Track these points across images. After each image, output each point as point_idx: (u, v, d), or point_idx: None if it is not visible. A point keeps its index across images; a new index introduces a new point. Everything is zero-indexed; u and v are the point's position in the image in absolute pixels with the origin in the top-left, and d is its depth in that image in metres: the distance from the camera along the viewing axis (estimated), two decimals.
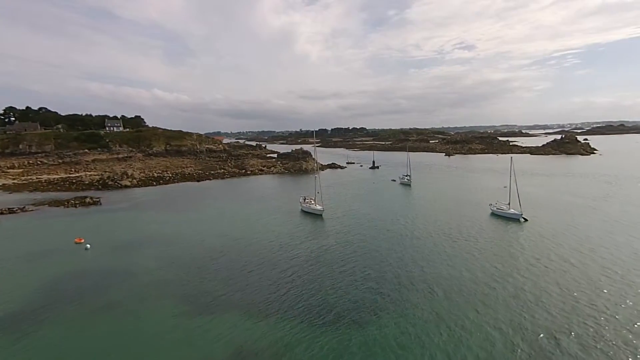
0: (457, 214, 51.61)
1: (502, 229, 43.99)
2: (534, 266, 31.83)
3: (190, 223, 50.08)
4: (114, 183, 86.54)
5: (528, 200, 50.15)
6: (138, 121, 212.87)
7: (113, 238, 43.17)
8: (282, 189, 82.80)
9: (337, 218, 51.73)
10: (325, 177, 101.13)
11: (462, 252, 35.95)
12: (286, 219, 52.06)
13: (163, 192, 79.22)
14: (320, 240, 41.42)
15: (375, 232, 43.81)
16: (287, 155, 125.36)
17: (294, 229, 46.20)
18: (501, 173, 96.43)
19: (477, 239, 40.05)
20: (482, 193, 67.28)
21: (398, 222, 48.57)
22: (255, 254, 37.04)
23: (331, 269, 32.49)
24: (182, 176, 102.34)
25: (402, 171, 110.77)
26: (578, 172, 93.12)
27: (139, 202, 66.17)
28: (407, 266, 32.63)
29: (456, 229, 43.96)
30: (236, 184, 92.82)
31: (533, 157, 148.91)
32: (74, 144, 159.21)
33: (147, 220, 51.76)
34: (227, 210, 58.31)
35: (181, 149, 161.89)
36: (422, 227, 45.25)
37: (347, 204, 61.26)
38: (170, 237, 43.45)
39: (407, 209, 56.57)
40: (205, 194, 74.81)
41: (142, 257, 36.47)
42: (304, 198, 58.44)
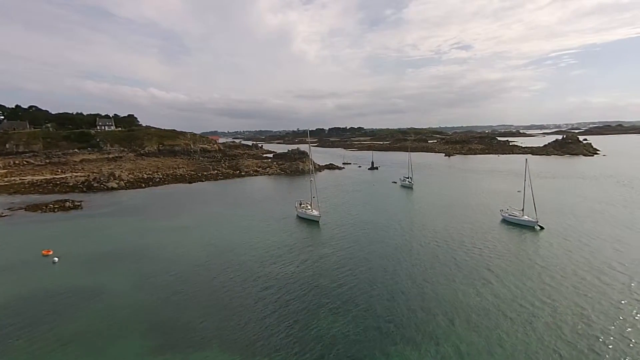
0: (464, 221, 47.67)
1: (516, 239, 40.06)
2: (558, 285, 27.88)
3: (175, 231, 45.81)
4: (100, 185, 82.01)
5: (541, 205, 46.23)
6: (131, 120, 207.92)
7: (87, 249, 38.84)
8: (277, 191, 78.66)
9: (335, 225, 47.65)
10: (323, 178, 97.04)
11: (473, 267, 31.94)
12: (280, 226, 47.91)
13: (151, 194, 74.82)
14: (317, 252, 37.30)
15: (377, 244, 39.75)
16: (283, 156, 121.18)
17: (288, 239, 42.06)
18: (506, 174, 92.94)
19: (489, 251, 36.10)
20: (490, 197, 63.43)
21: (401, 230, 44.57)
22: (242, 270, 32.86)
23: (329, 293, 28.33)
24: (173, 177, 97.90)
25: (402, 172, 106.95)
26: (587, 174, 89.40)
27: (123, 207, 61.77)
28: (414, 288, 28.56)
29: (465, 239, 40.00)
30: (229, 186, 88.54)
31: (535, 157, 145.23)
32: (64, 143, 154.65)
33: (128, 228, 47.44)
34: (216, 215, 54.09)
35: (174, 148, 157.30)
36: (428, 238, 41.23)
37: (345, 209, 57.21)
38: (150, 248, 39.19)
39: (410, 215, 52.58)
40: (195, 197, 70.51)
41: (115, 274, 32.21)
42: (299, 202, 54.33)
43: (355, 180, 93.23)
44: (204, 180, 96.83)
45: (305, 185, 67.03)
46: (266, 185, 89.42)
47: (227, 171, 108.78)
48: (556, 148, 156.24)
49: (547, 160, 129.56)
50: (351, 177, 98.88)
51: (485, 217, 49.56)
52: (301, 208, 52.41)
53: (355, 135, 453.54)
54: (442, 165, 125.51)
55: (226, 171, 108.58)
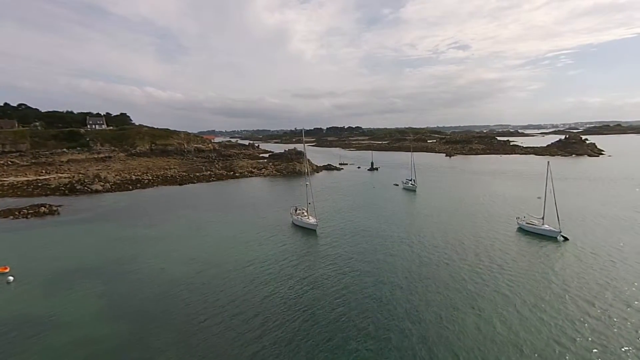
0: (475, 230, 43.30)
1: (537, 252, 35.70)
2: (590, 310, 23.53)
3: (156, 242, 41.13)
4: (83, 187, 77.05)
5: (560, 211, 41.62)
6: (123, 119, 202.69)
7: (51, 265, 34.13)
8: (272, 194, 74.06)
9: (333, 234, 43.14)
10: (320, 180, 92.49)
11: (488, 289, 27.53)
12: (274, 235, 43.34)
13: (137, 198, 70.00)
14: (313, 269, 32.78)
15: (380, 256, 35.29)
16: (279, 156, 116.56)
17: (282, 253, 37.50)
18: (512, 176, 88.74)
19: (506, 267, 31.81)
20: (501, 201, 59.10)
21: (406, 240, 40.12)
22: (229, 292, 28.30)
23: (326, 325, 23.84)
24: (163, 179, 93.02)
25: (403, 173, 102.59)
26: (599, 176, 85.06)
27: (104, 212, 56.96)
28: (422, 313, 24.13)
29: (477, 251, 35.67)
30: (222, 188, 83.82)
31: (539, 158, 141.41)
32: (52, 142, 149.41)
33: (104, 238, 42.69)
34: (204, 223, 49.44)
35: (167, 148, 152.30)
36: (435, 250, 36.81)
37: (344, 215, 52.71)
38: (126, 263, 34.53)
39: (414, 223, 48.15)
40: (184, 201, 65.75)
41: (80, 297, 27.58)
42: (295, 208, 49.80)
43: (355, 182, 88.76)
44: (196, 182, 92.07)
45: (302, 188, 62.47)
46: (261, 187, 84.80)
47: (221, 172, 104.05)
48: (560, 148, 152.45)
49: (553, 161, 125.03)
50: (350, 179, 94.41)
51: (499, 225, 45.19)
52: (297, 215, 47.89)
53: (353, 134, 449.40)
54: (444, 166, 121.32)
55: (220, 172, 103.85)
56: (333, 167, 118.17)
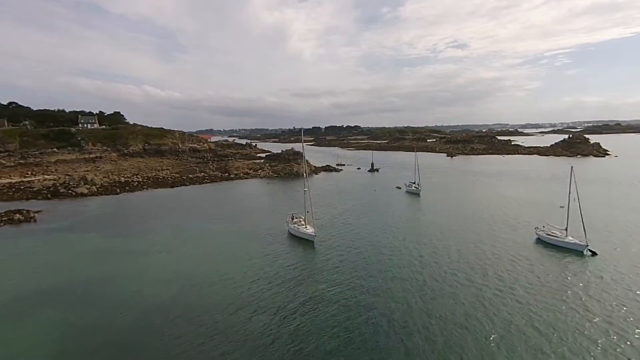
0: (488, 241, 39.36)
1: (561, 268, 31.79)
2: (628, 349, 19.64)
3: (135, 256, 36.99)
4: (68, 191, 72.73)
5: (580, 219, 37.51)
6: (117, 118, 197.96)
7: (11, 286, 29.96)
8: (268, 198, 69.95)
9: (332, 246, 39.12)
10: (319, 182, 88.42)
11: (504, 313, 23.58)
12: (268, 247, 39.28)
13: (124, 202, 65.76)
14: (310, 288, 28.74)
15: (384, 274, 31.28)
16: (276, 157, 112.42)
17: (277, 268, 33.46)
18: (519, 178, 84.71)
19: (527, 286, 28.03)
20: (512, 207, 55.15)
21: (412, 253, 36.13)
22: (212, 318, 24.27)
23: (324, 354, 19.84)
24: (155, 181, 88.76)
25: (404, 174, 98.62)
26: (613, 178, 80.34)
27: (85, 219, 52.72)
28: (430, 340, 20.14)
29: (491, 268, 31.77)
30: (215, 191, 79.65)
31: (543, 158, 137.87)
32: (42, 142, 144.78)
33: (78, 252, 38.50)
34: (191, 232, 45.31)
35: (161, 148, 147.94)
36: (443, 264, 32.84)
37: (344, 223, 48.68)
38: (96, 283, 30.39)
39: (421, 232, 44.14)
40: (173, 206, 61.55)
41: (30, 328, 23.47)
42: (291, 216, 45.73)
43: (355, 184, 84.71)
44: (188, 184, 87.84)
45: (299, 192, 58.13)
46: (256, 190, 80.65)
47: (215, 174, 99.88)
48: (564, 148, 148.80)
49: (559, 162, 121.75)
50: (350, 181, 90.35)
51: (515, 235, 41.24)
52: (293, 224, 43.82)
53: (352, 134, 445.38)
54: (446, 167, 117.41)
55: (214, 174, 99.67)
56: (332, 168, 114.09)
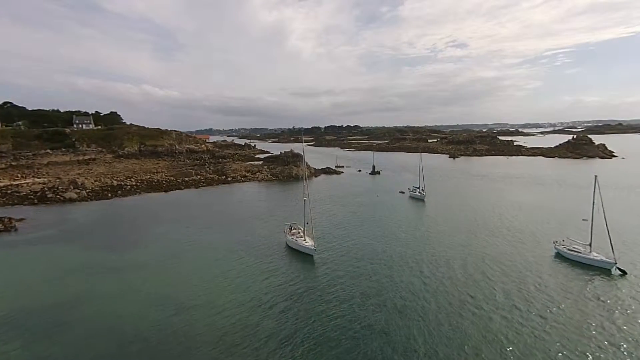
0: (501, 254, 36.31)
1: (585, 288, 28.72)
2: None
3: (118, 274, 33.83)
4: (56, 196, 69.51)
5: (605, 232, 34.38)
6: (113, 118, 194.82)
7: None
8: (266, 204, 66.75)
9: (333, 261, 36.02)
10: (318, 186, 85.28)
11: (524, 335, 20.48)
12: (263, 262, 36.17)
13: (113, 209, 62.54)
14: (309, 311, 25.61)
15: (389, 294, 28.20)
16: (274, 159, 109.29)
17: (272, 285, 30.37)
18: (528, 182, 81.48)
19: (544, 310, 25.02)
20: (525, 215, 51.98)
21: (418, 269, 33.05)
22: (196, 349, 21.14)
23: None
24: (148, 185, 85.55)
25: (407, 177, 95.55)
26: (629, 183, 76.67)
27: (69, 228, 49.52)
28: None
29: (505, 286, 28.85)
30: (211, 195, 76.52)
31: (548, 160, 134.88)
32: (35, 143, 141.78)
33: (57, 267, 35.32)
34: (182, 244, 42.14)
35: (157, 149, 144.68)
36: (456, 283, 29.78)
37: (346, 233, 45.55)
38: (71, 307, 27.23)
39: (427, 244, 41.04)
40: (166, 213, 58.37)
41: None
42: (289, 227, 42.60)
43: (356, 188, 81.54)
44: (183, 187, 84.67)
45: (298, 197, 54.76)
46: (253, 195, 77.48)
47: (212, 176, 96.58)
48: (569, 150, 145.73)
49: (566, 164, 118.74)
50: (351, 185, 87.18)
51: (530, 248, 38.14)
52: (292, 235, 40.69)
53: (352, 133, 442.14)
54: (450, 169, 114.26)
55: (210, 176, 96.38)
56: (332, 170, 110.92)
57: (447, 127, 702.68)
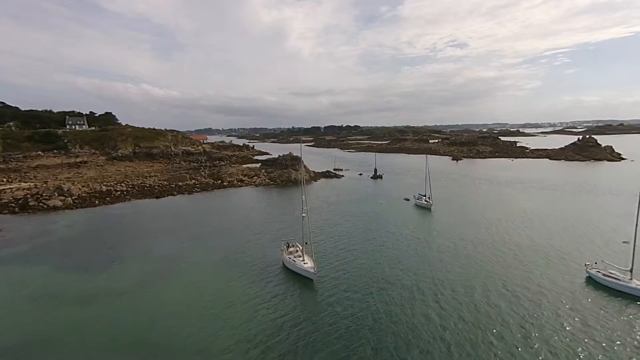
0: (521, 277, 32.24)
1: (624, 322, 24.65)
2: None
3: (90, 302, 29.65)
4: (39, 203, 65.26)
5: None
6: (108, 119, 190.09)
7: None
8: (262, 212, 62.52)
9: (335, 285, 31.90)
10: (319, 192, 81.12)
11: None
12: (256, 286, 32.03)
13: (99, 219, 58.31)
14: (308, 346, 21.54)
15: (399, 327, 24.07)
16: (272, 162, 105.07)
17: (266, 317, 26.23)
18: (540, 188, 76.83)
19: (576, 346, 20.87)
20: (544, 227, 47.71)
21: (434, 294, 28.99)
22: None
23: None
24: (139, 190, 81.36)
25: (410, 181, 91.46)
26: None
27: (45, 243, 45.29)
28: None
29: (528, 316, 24.73)
30: (205, 202, 72.30)
31: (555, 163, 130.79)
32: (27, 144, 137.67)
33: (22, 293, 31.08)
34: (166, 265, 37.95)
35: (152, 151, 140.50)
36: (468, 310, 25.65)
37: (349, 250, 41.38)
38: (27, 349, 23.08)
39: (437, 264, 36.89)
40: (154, 224, 54.17)
41: None
42: (286, 244, 38.42)
43: (358, 195, 77.31)
44: (176, 193, 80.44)
45: (297, 204, 50.16)
46: (250, 202, 73.27)
47: (207, 181, 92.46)
48: (575, 152, 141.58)
49: (575, 168, 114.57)
50: (352, 190, 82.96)
51: (556, 269, 34.00)
52: (289, 254, 36.52)
53: (351, 133, 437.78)
54: (454, 173, 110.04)
55: (205, 181, 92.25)
56: (332, 174, 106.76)
57: (447, 127, 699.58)
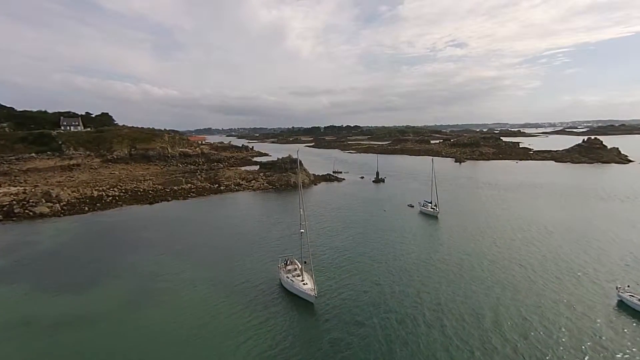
0: (541, 298, 29.08)
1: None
2: None
3: (62, 332, 26.48)
4: (25, 211, 62.06)
5: None
6: (105, 120, 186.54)
7: None
8: (260, 220, 59.25)
9: (338, 308, 28.77)
10: (319, 197, 77.96)
11: None
12: (250, 310, 28.88)
13: (86, 229, 55.06)
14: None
15: (406, 355, 20.99)
16: (271, 165, 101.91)
17: (257, 352, 23.06)
18: (552, 194, 73.13)
19: None
20: (563, 239, 44.46)
21: (447, 317, 25.76)
22: None
23: None
24: (132, 195, 78.16)
25: (414, 186, 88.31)
26: None
27: (24, 257, 42.09)
28: None
29: (550, 347, 21.55)
30: (199, 209, 69.11)
31: (561, 166, 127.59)
32: (20, 146, 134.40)
33: None
34: (150, 282, 34.76)
35: (148, 153, 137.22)
36: (482, 339, 22.47)
37: (353, 266, 38.21)
38: None
39: (448, 283, 33.76)
40: (142, 234, 50.99)
41: None
42: (284, 262, 35.25)
43: (360, 200, 74.12)
44: (170, 199, 77.22)
45: (296, 211, 46.97)
46: (247, 208, 70.06)
47: (203, 185, 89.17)
48: (582, 154, 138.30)
49: (583, 171, 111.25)
50: (354, 195, 79.74)
51: (581, 292, 30.84)
52: (287, 272, 33.35)
53: (352, 134, 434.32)
54: (458, 176, 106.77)
55: (201, 185, 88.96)
56: (333, 177, 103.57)
57: (447, 126, 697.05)
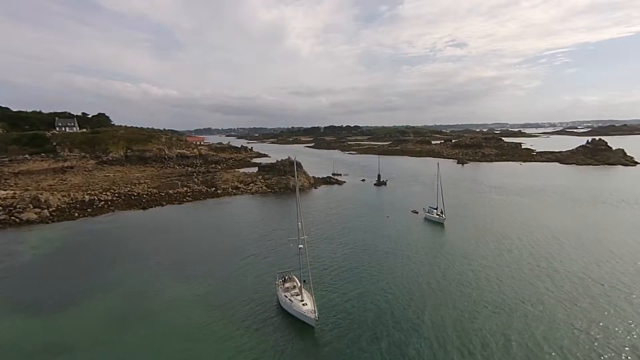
0: (565, 319, 26.34)
1: None
2: None
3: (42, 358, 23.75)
4: (10, 217, 59.27)
5: None
6: (101, 120, 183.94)
7: None
8: (257, 228, 56.39)
9: (340, 334, 25.98)
10: (319, 202, 75.15)
11: None
12: (244, 333, 26.14)
13: (74, 236, 52.26)
14: None
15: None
16: (270, 168, 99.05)
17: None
18: (562, 198, 70.01)
19: None
20: (584, 249, 41.71)
21: (463, 345, 22.99)
22: None
23: None
24: (126, 200, 75.38)
25: (417, 189, 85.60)
26: None
27: (6, 269, 39.31)
28: None
29: None
30: (194, 215, 66.30)
31: (567, 168, 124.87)
32: (14, 147, 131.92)
33: None
34: (136, 300, 31.99)
35: (145, 155, 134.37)
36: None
37: (355, 280, 35.44)
38: None
39: (459, 301, 31.07)
40: (132, 244, 48.23)
41: None
42: (282, 278, 32.46)
43: (361, 205, 71.31)
44: (165, 203, 74.44)
45: (295, 221, 44.05)
46: (244, 214, 67.19)
47: (199, 188, 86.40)
48: (587, 155, 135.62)
49: (590, 174, 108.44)
50: (356, 200, 76.91)
51: (612, 315, 28.13)
52: (285, 290, 30.57)
53: (351, 134, 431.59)
54: (462, 179, 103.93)
55: (198, 189, 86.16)
56: (334, 180, 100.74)
57: (447, 126, 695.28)
